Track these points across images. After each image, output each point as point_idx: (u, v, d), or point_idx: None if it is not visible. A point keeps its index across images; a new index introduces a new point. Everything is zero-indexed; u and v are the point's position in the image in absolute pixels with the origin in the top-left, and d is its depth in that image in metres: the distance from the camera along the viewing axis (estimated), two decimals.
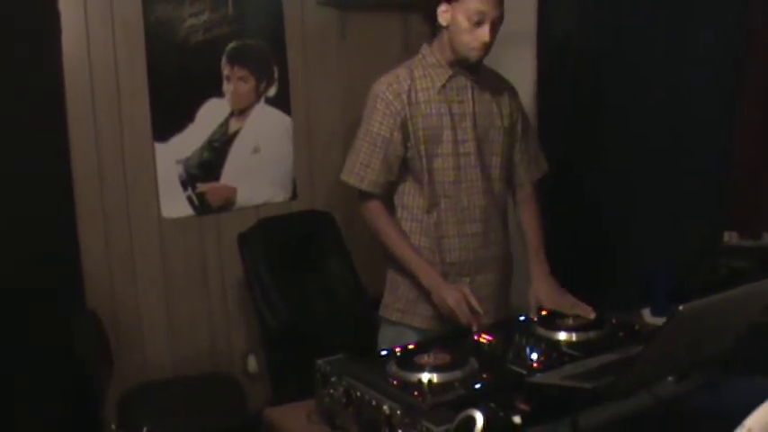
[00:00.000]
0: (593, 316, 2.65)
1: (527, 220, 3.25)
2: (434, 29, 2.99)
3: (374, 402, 2.06)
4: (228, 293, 4.45)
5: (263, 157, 4.44)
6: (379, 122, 2.96)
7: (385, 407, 2.01)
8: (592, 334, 2.46)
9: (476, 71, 3.01)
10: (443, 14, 2.90)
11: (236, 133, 4.38)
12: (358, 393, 2.13)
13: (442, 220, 3.02)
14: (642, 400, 2.07)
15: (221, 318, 4.45)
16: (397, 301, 3.11)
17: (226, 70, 4.32)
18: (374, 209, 3.03)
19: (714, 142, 3.28)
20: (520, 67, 4.11)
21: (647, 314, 3.03)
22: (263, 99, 4.44)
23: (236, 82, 4.35)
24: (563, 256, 3.88)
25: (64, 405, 3.80)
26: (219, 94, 4.31)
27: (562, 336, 2.46)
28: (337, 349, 2.42)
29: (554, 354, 2.33)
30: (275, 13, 4.42)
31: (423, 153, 2.96)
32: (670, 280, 3.03)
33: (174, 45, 4.17)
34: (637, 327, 2.55)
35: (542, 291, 3.00)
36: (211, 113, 4.31)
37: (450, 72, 2.98)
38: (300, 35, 4.50)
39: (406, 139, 2.96)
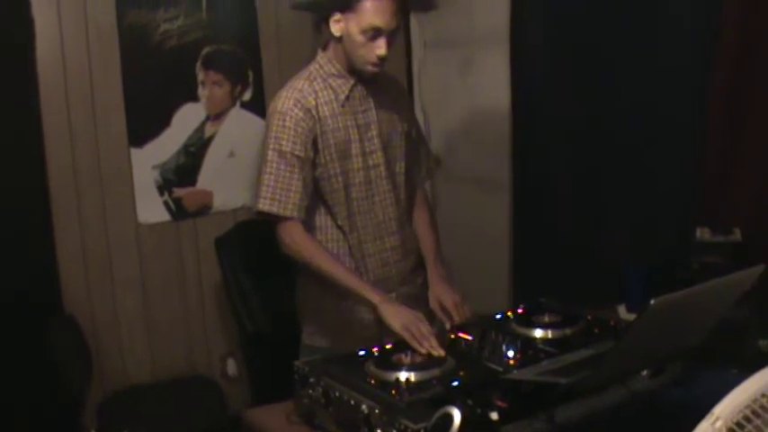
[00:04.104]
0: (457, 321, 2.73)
1: (423, 224, 3.11)
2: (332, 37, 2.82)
3: (353, 402, 2.07)
4: (206, 297, 4.45)
5: (239, 161, 4.44)
6: (292, 142, 2.76)
7: (363, 406, 2.02)
8: (567, 330, 2.47)
9: (372, 81, 2.88)
10: (336, 24, 2.74)
11: (211, 138, 4.38)
12: (336, 393, 2.14)
13: (362, 239, 2.91)
14: (617, 395, 2.10)
15: (200, 322, 4.46)
16: (325, 328, 2.97)
17: (201, 75, 4.32)
18: (296, 233, 2.81)
19: (685, 140, 3.31)
20: (494, 70, 4.15)
21: (622, 310, 3.06)
22: (238, 103, 4.44)
23: (211, 87, 4.35)
24: (539, 254, 3.92)
25: (43, 411, 3.79)
26: (195, 98, 4.32)
27: (538, 333, 2.48)
28: None
29: (530, 351, 2.34)
30: (249, 18, 4.43)
31: (338, 171, 2.84)
32: (644, 276, 3.06)
33: (148, 50, 4.17)
34: (612, 323, 2.56)
35: (443, 294, 2.88)
36: (187, 118, 4.31)
37: (353, 81, 2.84)
38: (275, 39, 4.50)
39: (315, 157, 2.82)
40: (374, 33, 2.68)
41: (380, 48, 2.71)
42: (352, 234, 2.90)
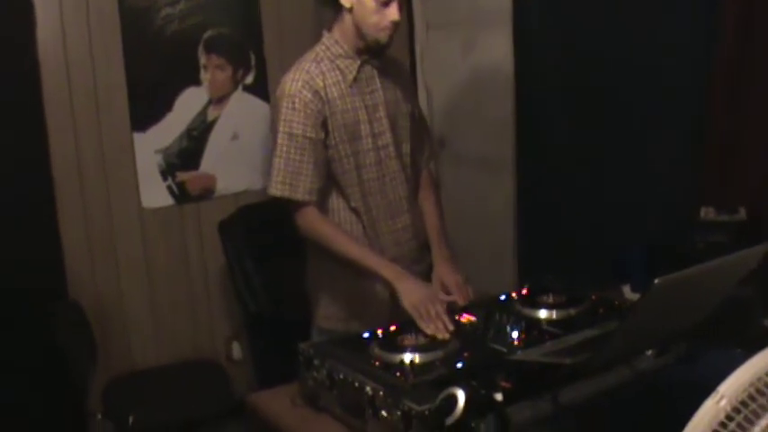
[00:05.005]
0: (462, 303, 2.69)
1: (428, 205, 3.09)
2: (335, 12, 2.80)
3: (357, 384, 2.07)
4: (210, 281, 4.46)
5: (241, 145, 4.45)
6: (302, 124, 2.74)
7: (368, 388, 2.02)
8: (572, 311, 2.46)
9: (382, 55, 2.86)
10: None
11: (214, 121, 4.38)
12: (341, 375, 2.14)
13: (374, 218, 2.90)
14: (622, 375, 2.09)
15: (204, 305, 4.47)
16: (341, 311, 2.96)
17: (203, 59, 4.32)
18: (311, 217, 2.80)
19: (689, 119, 3.30)
20: (497, 50, 4.13)
21: (626, 290, 3.04)
22: (240, 87, 4.44)
23: (213, 70, 4.35)
24: (543, 234, 3.92)
25: (48, 396, 3.80)
26: (197, 82, 4.32)
27: (542, 313, 2.46)
28: None
29: (534, 331, 2.34)
30: (250, 1, 4.42)
31: (348, 152, 2.82)
32: (648, 256, 3.05)
33: (150, 34, 4.17)
34: (616, 303, 2.55)
35: (446, 275, 2.87)
36: (189, 102, 4.32)
37: (359, 62, 2.82)
38: (277, 21, 4.49)
39: (326, 138, 2.79)
40: None
41: (394, 12, 2.69)
42: (365, 215, 2.89)
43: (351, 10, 2.74)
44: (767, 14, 3.03)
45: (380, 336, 2.39)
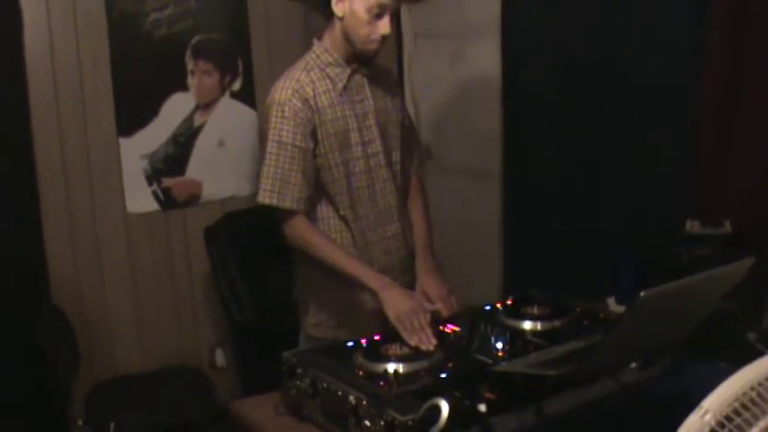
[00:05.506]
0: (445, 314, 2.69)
1: (416, 213, 3.09)
2: (326, 19, 2.82)
3: (340, 393, 2.06)
4: (195, 287, 4.44)
5: (228, 151, 4.43)
6: (292, 132, 2.74)
7: (351, 397, 2.02)
8: (557, 322, 2.46)
9: (370, 64, 2.87)
10: (339, 5, 2.72)
11: (201, 127, 4.36)
12: (324, 384, 2.13)
13: (364, 227, 2.90)
14: (606, 387, 2.09)
15: (188, 312, 4.44)
16: (330, 319, 2.95)
17: (190, 64, 4.30)
18: (299, 225, 2.81)
19: (677, 132, 3.31)
20: (485, 61, 4.13)
21: (611, 302, 3.04)
22: (227, 93, 4.42)
23: (200, 76, 4.33)
24: (530, 245, 3.92)
25: (30, 402, 3.77)
26: (184, 88, 4.30)
27: (527, 325, 2.46)
28: None
29: (519, 342, 2.33)
30: (239, 6, 4.41)
31: (338, 160, 2.82)
32: (634, 268, 3.05)
33: (137, 39, 4.15)
34: (601, 315, 2.56)
35: (430, 286, 2.86)
36: (176, 108, 4.30)
37: (349, 70, 2.83)
38: (265, 28, 4.48)
39: (315, 147, 2.80)
40: (380, 11, 2.68)
41: (385, 26, 2.71)
42: (354, 223, 2.88)
43: (342, 19, 2.75)
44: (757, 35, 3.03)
45: (364, 345, 2.38)
